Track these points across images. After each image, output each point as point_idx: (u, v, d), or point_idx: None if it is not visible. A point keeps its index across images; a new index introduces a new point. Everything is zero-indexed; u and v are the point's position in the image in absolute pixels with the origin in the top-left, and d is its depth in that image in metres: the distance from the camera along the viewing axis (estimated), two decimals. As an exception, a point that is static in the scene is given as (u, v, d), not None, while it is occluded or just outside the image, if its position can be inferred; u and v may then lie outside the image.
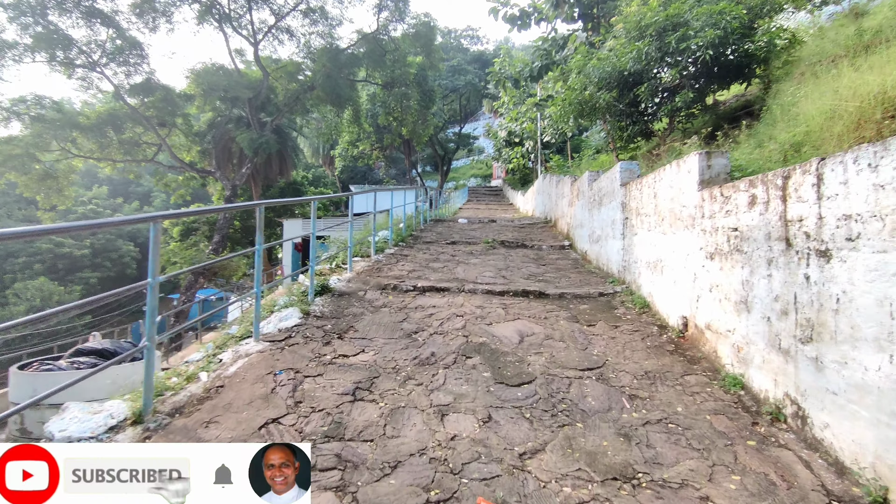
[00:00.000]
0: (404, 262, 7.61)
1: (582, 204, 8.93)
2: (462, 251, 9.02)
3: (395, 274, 6.68)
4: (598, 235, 7.44)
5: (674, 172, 4.25)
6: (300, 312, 4.70)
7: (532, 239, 10.90)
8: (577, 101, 9.78)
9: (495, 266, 7.54)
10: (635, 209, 5.44)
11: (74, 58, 18.40)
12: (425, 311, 5.01)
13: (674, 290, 4.21)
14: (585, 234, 8.51)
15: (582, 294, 5.65)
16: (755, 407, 2.78)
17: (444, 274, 6.83)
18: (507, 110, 29.55)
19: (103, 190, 50.45)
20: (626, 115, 9.59)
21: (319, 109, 21.24)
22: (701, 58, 7.56)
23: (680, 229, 4.08)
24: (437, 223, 14.26)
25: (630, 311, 4.94)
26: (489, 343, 4.09)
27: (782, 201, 2.61)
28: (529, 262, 8.15)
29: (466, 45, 47.73)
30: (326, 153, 39.56)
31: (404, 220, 10.63)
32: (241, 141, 17.96)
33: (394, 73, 19.00)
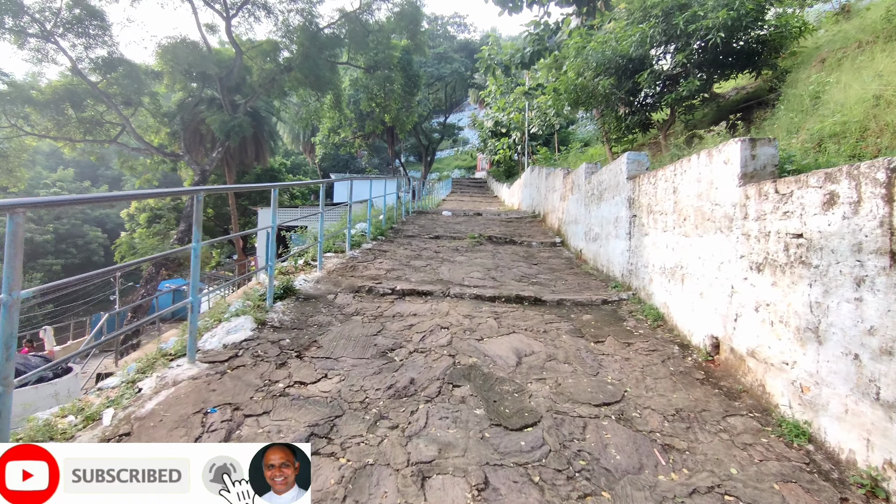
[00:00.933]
0: (382, 259, 6.83)
1: (577, 198, 8.27)
2: (447, 247, 8.28)
3: (371, 273, 5.91)
4: (596, 233, 6.79)
5: (702, 164, 3.58)
6: (254, 322, 3.90)
7: (521, 234, 10.24)
8: (573, 88, 9.09)
9: (483, 265, 6.83)
10: (646, 206, 4.78)
11: (26, 26, 16.88)
12: (404, 321, 4.26)
13: (699, 304, 3.55)
14: (580, 232, 7.87)
15: (583, 301, 4.98)
16: (836, 472, 2.13)
17: (427, 274, 6.08)
18: (494, 100, 28.77)
19: (69, 172, 47.90)
20: (624, 104, 8.94)
21: (299, 93, 20.11)
22: (711, 41, 6.91)
23: (710, 232, 3.42)
24: (419, 215, 13.47)
25: (641, 324, 4.29)
26: (481, 365, 3.38)
27: (887, 202, 1.94)
28: (520, 261, 7.47)
29: (453, 32, 46.64)
30: (307, 140, 38.20)
31: (384, 212, 9.83)
32: (212, 123, 16.76)
33: (377, 56, 17.98)
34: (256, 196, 25.95)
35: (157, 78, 19.61)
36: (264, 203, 25.90)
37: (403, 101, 19.76)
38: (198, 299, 3.24)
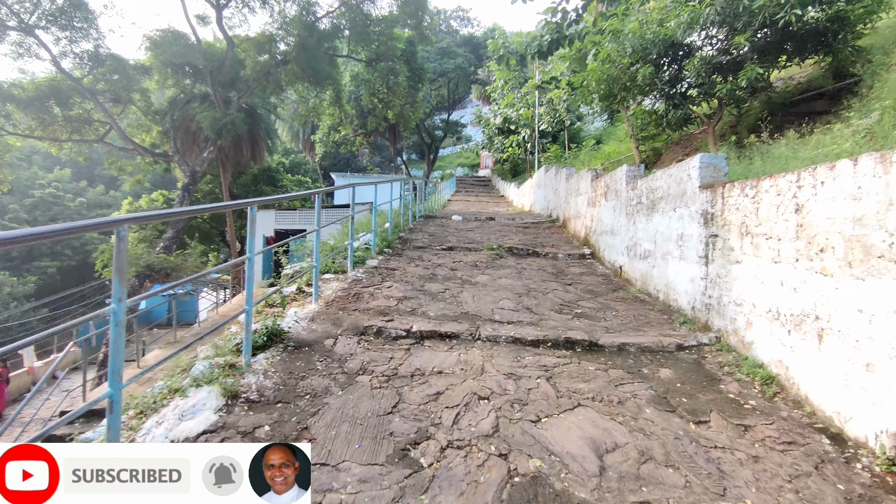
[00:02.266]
0: (391, 283, 5.74)
1: (613, 206, 7.17)
2: (463, 262, 7.19)
3: (379, 304, 4.82)
4: (646, 250, 5.69)
5: (866, 174, 2.48)
6: (221, 396, 2.82)
7: (543, 244, 9.14)
8: (606, 77, 7.97)
9: (511, 288, 5.74)
10: (737, 225, 3.68)
11: (6, 19, 15.81)
12: (428, 386, 3.17)
13: (864, 380, 2.46)
14: (619, 245, 6.77)
15: (651, 346, 3.89)
16: None
17: (448, 304, 4.99)
18: (502, 95, 27.63)
19: (66, 172, 46.82)
20: (666, 97, 7.81)
21: (296, 88, 19.01)
22: (783, 20, 5.79)
23: (886, 275, 2.32)
24: (427, 220, 12.39)
25: (748, 388, 3.19)
26: (548, 475, 2.29)
27: None
28: (550, 280, 6.39)
29: (456, 26, 45.41)
30: (307, 138, 37.16)
31: (391, 219, 8.74)
32: (203, 120, 15.65)
33: (379, 48, 16.84)
34: (253, 195, 24.89)
35: (147, 73, 18.52)
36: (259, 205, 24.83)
37: (408, 96, 18.62)
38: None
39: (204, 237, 26.68)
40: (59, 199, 42.64)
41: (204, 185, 23.84)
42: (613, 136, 22.34)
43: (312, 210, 21.00)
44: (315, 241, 4.73)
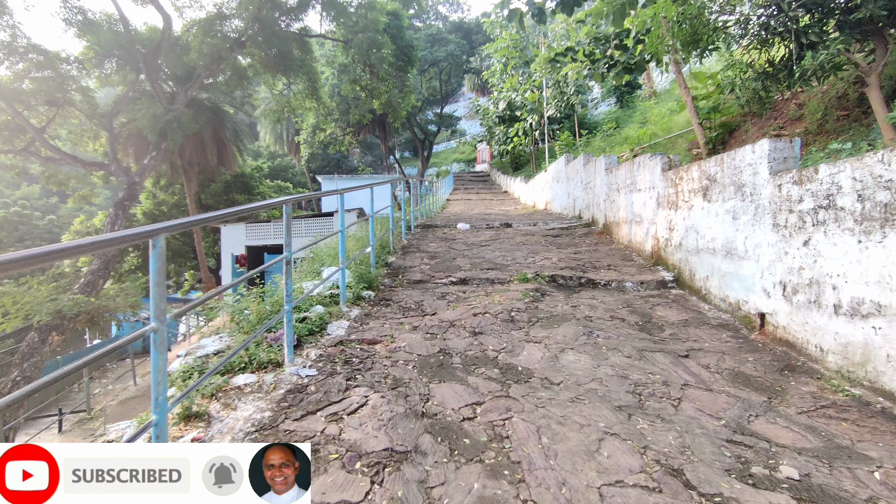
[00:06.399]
0: (365, 388, 2.90)
1: (731, 209, 4.39)
2: (489, 313, 4.40)
3: (331, 486, 2.00)
4: (855, 300, 2.90)
5: None
6: None
7: (592, 264, 6.37)
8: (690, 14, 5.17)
9: (599, 382, 2.94)
10: None
11: None
12: None
13: None
14: (754, 276, 4.00)
15: None
16: None
17: (488, 468, 2.16)
18: (501, 80, 24.81)
19: (34, 189, 43.71)
20: (795, 35, 5.00)
21: (263, 78, 16.13)
22: None
23: None
24: (425, 231, 9.58)
25: None
26: None
27: None
28: (652, 350, 3.61)
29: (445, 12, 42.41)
30: (291, 139, 34.28)
31: (372, 242, 5.89)
32: (141, 119, 12.78)
33: (358, 23, 13.97)
34: (225, 205, 22.02)
35: (84, 68, 15.60)
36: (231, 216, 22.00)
37: (396, 80, 15.73)
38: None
39: (176, 253, 23.82)
40: (27, 218, 39.58)
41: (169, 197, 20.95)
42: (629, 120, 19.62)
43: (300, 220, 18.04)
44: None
